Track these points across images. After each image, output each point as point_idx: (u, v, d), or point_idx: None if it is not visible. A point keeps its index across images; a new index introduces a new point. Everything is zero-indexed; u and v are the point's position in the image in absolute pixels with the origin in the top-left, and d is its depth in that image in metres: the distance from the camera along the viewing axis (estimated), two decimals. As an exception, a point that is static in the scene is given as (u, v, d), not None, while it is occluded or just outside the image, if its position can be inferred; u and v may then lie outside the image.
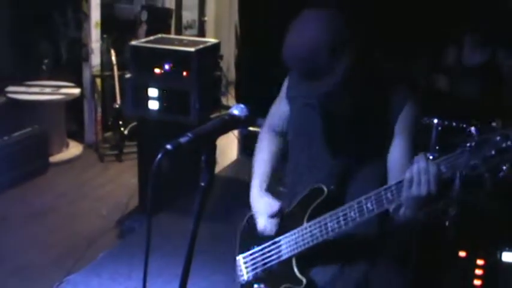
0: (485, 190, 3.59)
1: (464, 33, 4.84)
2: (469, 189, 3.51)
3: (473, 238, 3.55)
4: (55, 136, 6.23)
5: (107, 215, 5.10)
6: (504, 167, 1.70)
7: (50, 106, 6.26)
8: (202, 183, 1.63)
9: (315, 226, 2.02)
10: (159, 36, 5.21)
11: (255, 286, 2.23)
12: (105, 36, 6.63)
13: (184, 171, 4.16)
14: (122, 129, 6.30)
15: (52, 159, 6.11)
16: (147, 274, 1.65)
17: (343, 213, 1.95)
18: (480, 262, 3.44)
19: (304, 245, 2.05)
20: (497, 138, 1.70)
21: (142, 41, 5.06)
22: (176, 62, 4.63)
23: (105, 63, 6.60)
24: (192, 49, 4.63)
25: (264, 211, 2.19)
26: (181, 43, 4.88)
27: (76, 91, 6.44)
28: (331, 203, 2.02)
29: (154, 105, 4.72)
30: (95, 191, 5.62)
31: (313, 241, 2.03)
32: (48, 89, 6.37)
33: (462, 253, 3.48)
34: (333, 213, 1.98)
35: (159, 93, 4.69)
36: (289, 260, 2.11)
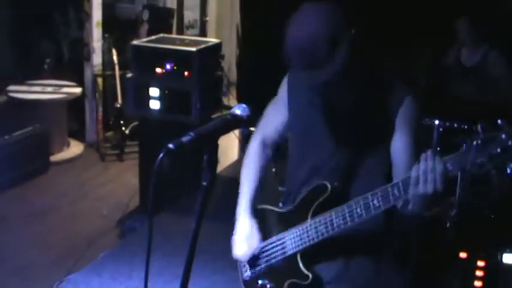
0: (492, 187, 3.59)
1: (464, 33, 4.86)
2: (476, 187, 3.51)
3: (474, 239, 3.55)
4: (56, 135, 6.23)
5: (108, 215, 5.10)
6: (511, 164, 1.70)
7: (51, 105, 6.27)
8: (204, 182, 1.63)
9: (320, 222, 2.03)
10: (161, 35, 5.21)
11: (259, 282, 2.23)
12: (106, 35, 6.64)
13: (185, 170, 4.17)
14: (123, 128, 6.30)
15: (53, 158, 6.11)
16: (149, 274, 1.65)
17: (349, 209, 1.96)
18: (481, 263, 3.43)
19: (309, 241, 2.06)
20: (502, 136, 1.70)
21: (143, 41, 5.06)
22: (178, 62, 4.63)
23: (106, 62, 6.60)
24: (194, 49, 4.64)
25: (244, 238, 2.20)
26: (182, 43, 4.88)
27: (77, 90, 6.45)
28: (335, 200, 2.02)
29: (155, 105, 4.72)
30: (96, 191, 5.62)
31: (318, 237, 2.04)
32: (49, 88, 6.37)
33: (463, 254, 3.48)
34: (338, 209, 1.99)
35: (161, 93, 4.69)
36: (294, 256, 2.12)
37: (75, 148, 6.49)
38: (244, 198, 2.26)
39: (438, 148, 3.85)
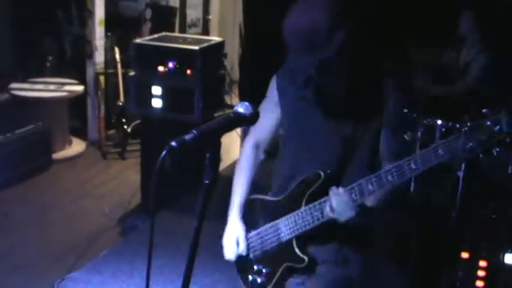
0: (482, 170, 3.70)
1: (466, 28, 4.87)
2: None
3: (475, 239, 3.55)
4: (58, 133, 6.24)
5: (109, 213, 5.10)
6: (497, 149, 1.85)
7: (54, 103, 6.27)
8: (206, 180, 1.63)
9: (315, 208, 2.10)
10: (163, 34, 5.21)
11: (255, 268, 2.28)
12: (109, 33, 6.64)
13: (187, 169, 4.17)
14: (125, 127, 6.30)
15: (55, 156, 6.11)
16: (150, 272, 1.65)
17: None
18: (483, 264, 3.44)
19: (305, 226, 2.13)
20: (488, 123, 1.85)
21: (146, 39, 5.06)
22: (180, 60, 4.63)
23: (109, 60, 6.60)
24: (196, 47, 4.63)
25: (233, 236, 2.28)
26: (185, 41, 4.88)
27: (79, 88, 6.45)
28: (328, 187, 2.07)
29: (157, 103, 4.72)
30: (98, 189, 5.62)
31: (314, 222, 2.10)
32: (51, 86, 6.37)
33: (465, 254, 3.48)
34: None
35: (163, 91, 4.69)
36: (289, 241, 2.18)
37: (77, 146, 6.49)
38: (235, 201, 2.32)
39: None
